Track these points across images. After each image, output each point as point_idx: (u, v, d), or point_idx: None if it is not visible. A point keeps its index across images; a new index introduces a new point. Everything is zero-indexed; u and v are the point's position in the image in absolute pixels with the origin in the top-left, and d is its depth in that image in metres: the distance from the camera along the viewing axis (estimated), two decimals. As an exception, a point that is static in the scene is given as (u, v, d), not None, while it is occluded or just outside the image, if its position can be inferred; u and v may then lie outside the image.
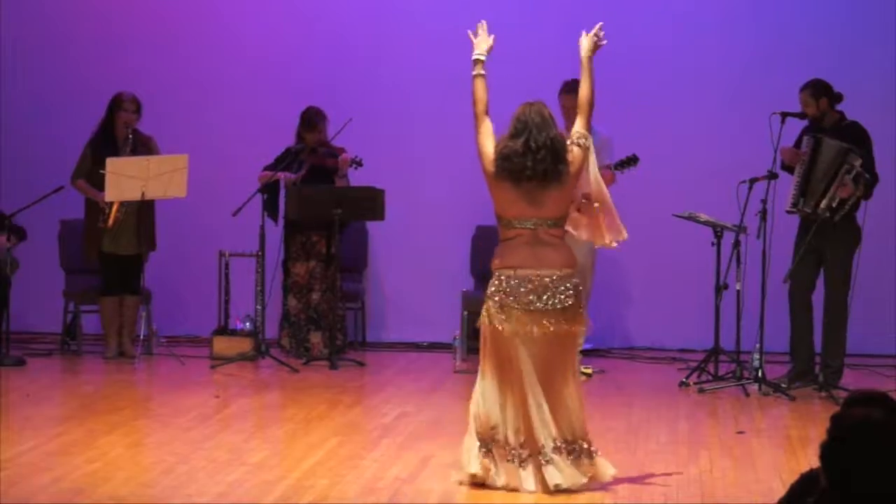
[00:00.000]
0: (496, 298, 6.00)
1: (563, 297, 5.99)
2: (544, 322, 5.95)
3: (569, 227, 6.27)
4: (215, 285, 10.08)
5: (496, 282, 6.04)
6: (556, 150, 6.00)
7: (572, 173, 6.07)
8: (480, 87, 6.39)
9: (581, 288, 6.12)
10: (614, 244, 6.45)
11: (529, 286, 5.98)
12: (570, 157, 6.06)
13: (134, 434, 7.27)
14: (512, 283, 5.99)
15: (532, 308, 5.96)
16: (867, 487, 3.15)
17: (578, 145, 6.12)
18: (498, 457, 6.01)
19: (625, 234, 6.38)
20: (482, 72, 6.44)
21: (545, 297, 5.97)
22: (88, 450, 6.73)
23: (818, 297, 8.80)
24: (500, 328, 5.96)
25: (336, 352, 9.59)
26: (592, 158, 6.25)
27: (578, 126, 6.20)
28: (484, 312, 6.05)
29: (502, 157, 6.04)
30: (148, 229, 9.77)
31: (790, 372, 8.87)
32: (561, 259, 6.04)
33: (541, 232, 6.03)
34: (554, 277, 5.99)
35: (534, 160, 5.97)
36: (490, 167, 6.12)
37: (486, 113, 6.33)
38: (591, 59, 6.45)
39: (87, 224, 9.79)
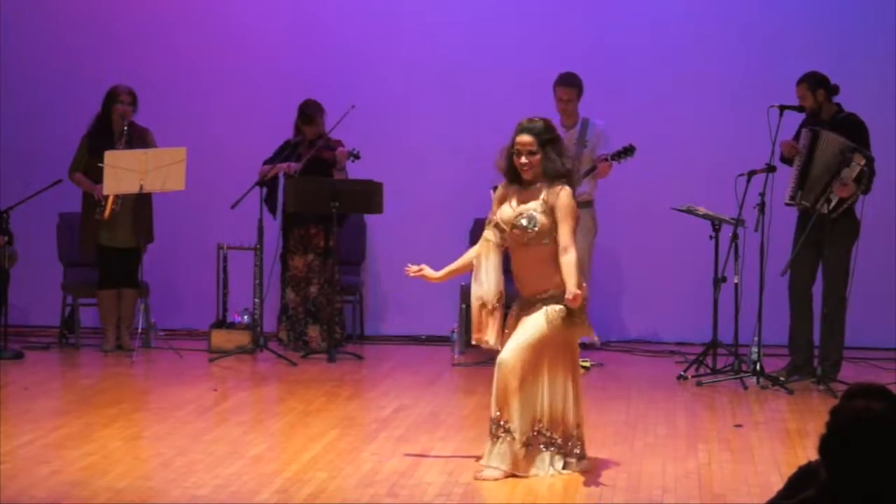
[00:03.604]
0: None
1: None
2: None
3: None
4: (213, 278, 10.08)
5: None
6: None
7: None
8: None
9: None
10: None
11: None
12: None
13: (132, 427, 7.26)
14: None
15: None
16: (866, 480, 3.15)
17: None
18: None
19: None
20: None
21: None
22: (87, 443, 6.73)
23: (817, 291, 8.80)
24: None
25: (334, 345, 9.59)
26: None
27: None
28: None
29: None
30: (145, 222, 9.77)
31: (788, 365, 8.87)
32: None
33: None
34: None
35: None
36: None
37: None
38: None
39: (83, 217, 9.78)
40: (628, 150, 9.32)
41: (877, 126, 8.94)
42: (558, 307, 6.09)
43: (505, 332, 6.26)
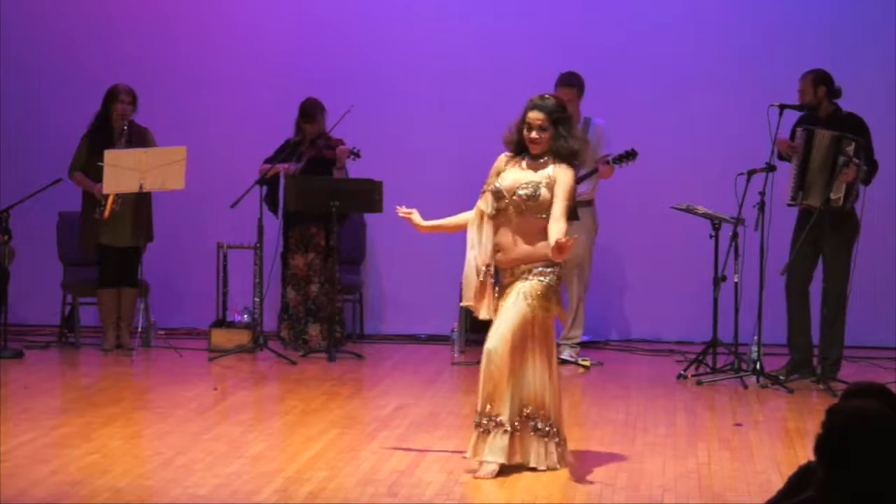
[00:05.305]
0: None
1: None
2: None
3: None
4: (213, 277, 10.08)
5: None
6: None
7: None
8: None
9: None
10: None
11: None
12: None
13: (132, 426, 7.27)
14: None
15: None
16: (864, 479, 3.15)
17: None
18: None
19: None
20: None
21: None
22: (86, 442, 6.73)
23: (816, 289, 8.80)
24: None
25: (334, 344, 9.60)
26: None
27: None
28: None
29: None
30: (145, 221, 9.77)
31: (788, 364, 8.88)
32: None
33: None
34: None
35: None
36: None
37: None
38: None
39: (84, 216, 9.79)
40: (630, 155, 9.32)
41: (877, 126, 8.94)
42: (535, 285, 6.11)
43: (497, 301, 6.25)
